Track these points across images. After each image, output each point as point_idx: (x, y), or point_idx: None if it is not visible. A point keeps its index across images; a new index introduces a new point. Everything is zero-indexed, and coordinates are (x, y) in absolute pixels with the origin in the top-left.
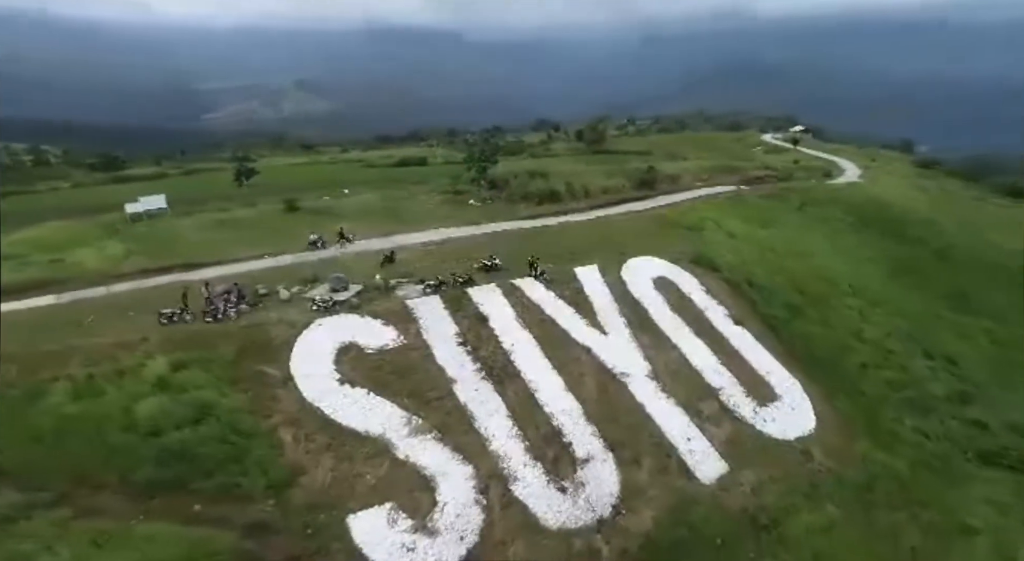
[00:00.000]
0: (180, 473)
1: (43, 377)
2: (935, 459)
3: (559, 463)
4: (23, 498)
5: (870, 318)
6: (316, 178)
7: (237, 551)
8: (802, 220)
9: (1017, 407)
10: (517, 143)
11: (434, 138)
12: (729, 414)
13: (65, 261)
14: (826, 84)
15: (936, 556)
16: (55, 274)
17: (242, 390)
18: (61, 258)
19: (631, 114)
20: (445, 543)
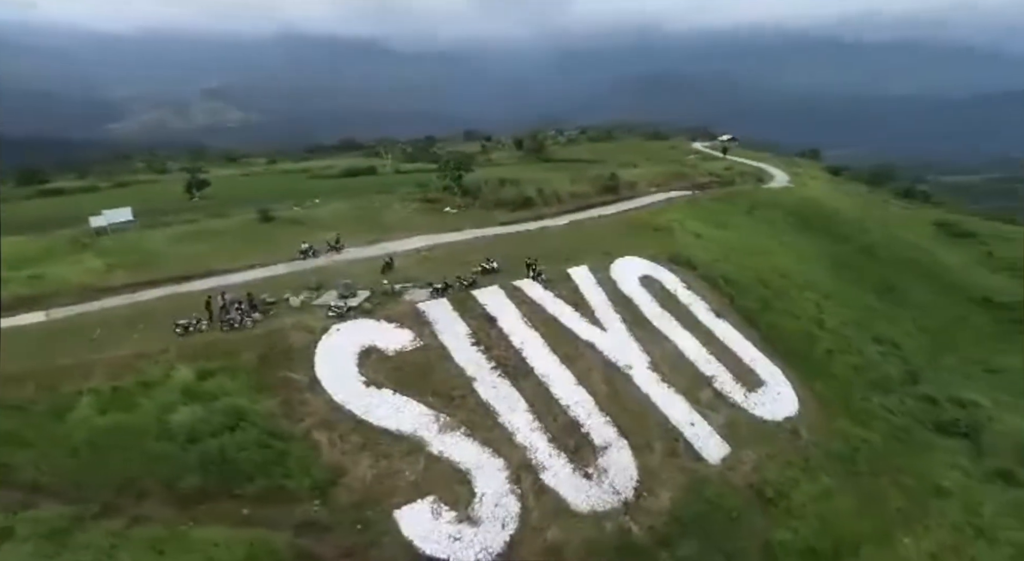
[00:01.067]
0: (223, 479)
1: (65, 392)
2: (901, 431)
3: (580, 451)
4: (71, 510)
5: (825, 309)
6: (270, 189)
7: (294, 549)
8: (752, 222)
9: (953, 384)
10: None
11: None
12: (724, 400)
13: (45, 277)
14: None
15: (918, 515)
16: (37, 290)
17: (271, 396)
18: (40, 274)
19: (556, 124)
20: (488, 531)
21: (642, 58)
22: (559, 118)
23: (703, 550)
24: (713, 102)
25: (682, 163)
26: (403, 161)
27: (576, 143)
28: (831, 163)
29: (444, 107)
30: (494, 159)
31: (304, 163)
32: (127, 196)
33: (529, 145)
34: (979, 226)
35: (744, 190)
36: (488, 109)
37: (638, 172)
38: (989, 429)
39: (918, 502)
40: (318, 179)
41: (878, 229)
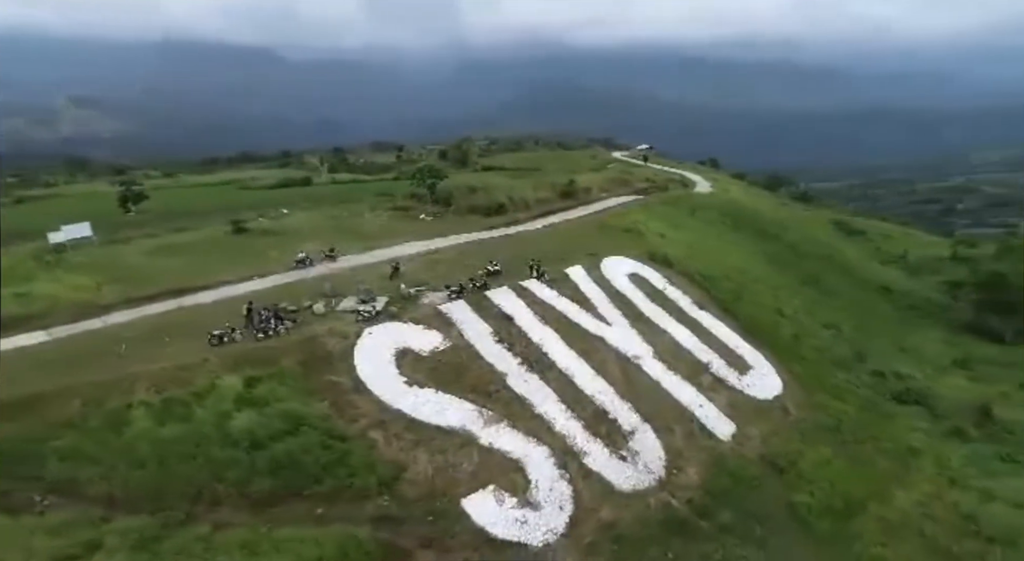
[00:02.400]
0: (291, 481)
1: (112, 407)
2: (869, 403)
3: (613, 436)
4: (155, 519)
5: (780, 299)
6: (210, 202)
7: (378, 542)
8: (697, 223)
9: (889, 360)
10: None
11: (314, 158)
12: (722, 383)
13: (31, 295)
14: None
15: (901, 472)
16: (29, 309)
17: (320, 399)
18: (25, 292)
19: (460, 135)
20: (549, 514)
21: (543, 70)
22: (463, 129)
23: (738, 517)
24: (611, 114)
25: (627, 171)
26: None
27: (491, 154)
28: (733, 171)
29: (343, 117)
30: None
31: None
32: (49, 211)
33: (454, 155)
34: (865, 225)
35: (681, 195)
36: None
37: (587, 178)
38: (933, 396)
39: (898, 461)
40: (250, 191)
41: (795, 228)
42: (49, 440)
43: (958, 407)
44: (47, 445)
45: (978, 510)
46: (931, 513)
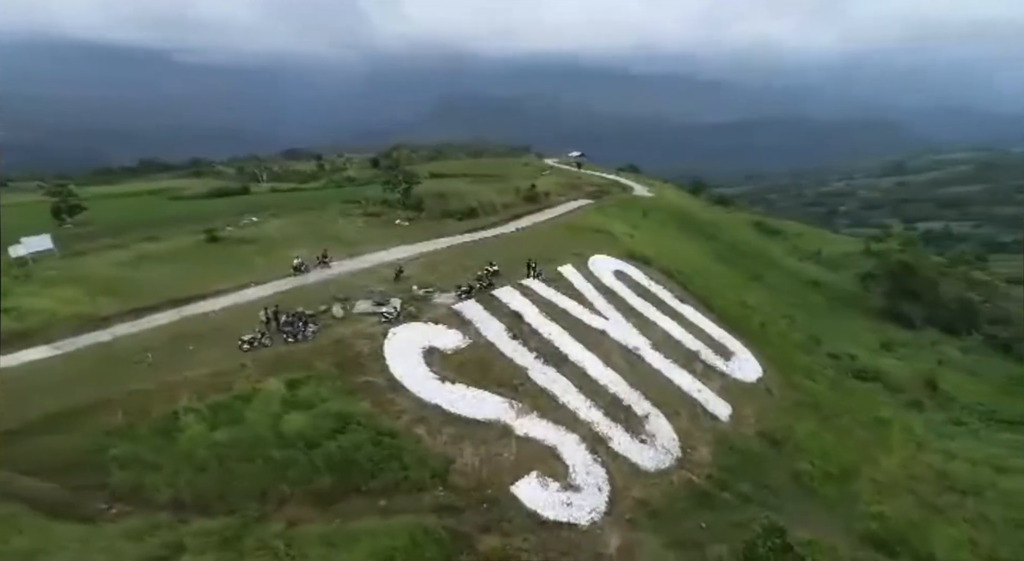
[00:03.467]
0: (349, 477)
1: (158, 415)
2: (835, 381)
3: (630, 422)
4: (230, 520)
5: (739, 291)
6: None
7: (445, 529)
8: (651, 224)
9: (837, 344)
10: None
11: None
12: (712, 369)
13: (21, 308)
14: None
15: (878, 440)
16: (25, 324)
17: (360, 399)
18: (14, 307)
19: (374, 143)
20: (590, 494)
21: (454, 80)
22: (378, 137)
23: (753, 487)
24: (522, 123)
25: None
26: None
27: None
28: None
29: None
30: (355, 178)
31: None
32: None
33: (386, 163)
34: (780, 225)
35: (629, 198)
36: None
37: (543, 183)
38: (883, 373)
39: (872, 431)
40: (181, 201)
41: (727, 229)
42: (105, 450)
43: (907, 382)
44: (105, 455)
45: (947, 468)
46: (912, 473)
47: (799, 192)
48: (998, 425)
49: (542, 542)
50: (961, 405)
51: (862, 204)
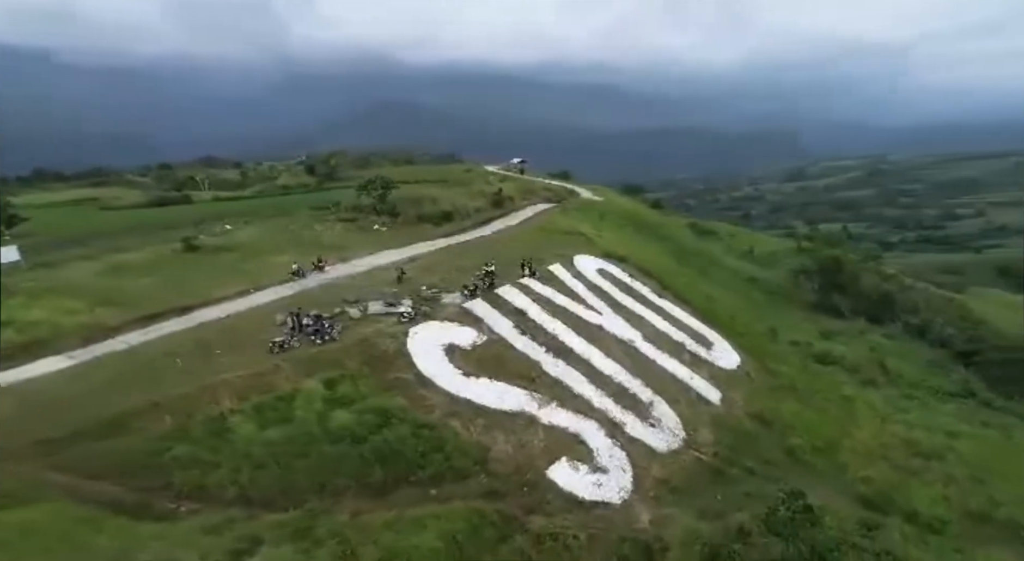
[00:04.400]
0: (398, 468)
1: (203, 417)
2: (801, 365)
3: (638, 408)
4: (300, 512)
5: (702, 286)
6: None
7: (497, 512)
8: (611, 226)
9: (791, 332)
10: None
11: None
12: (698, 358)
13: (16, 321)
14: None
15: (848, 415)
16: (31, 336)
17: (395, 395)
18: (9, 320)
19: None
20: (616, 475)
21: (375, 87)
22: (295, 144)
23: (755, 462)
24: (447, 131)
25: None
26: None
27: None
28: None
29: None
30: (288, 187)
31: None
32: None
33: (321, 170)
34: (714, 226)
35: (584, 202)
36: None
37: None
38: (840, 357)
39: (842, 408)
40: (113, 211)
41: (672, 230)
42: (162, 452)
43: (863, 363)
44: (163, 457)
45: (910, 436)
46: (883, 443)
47: (714, 197)
48: (941, 397)
49: (582, 520)
50: (908, 382)
51: (770, 207)
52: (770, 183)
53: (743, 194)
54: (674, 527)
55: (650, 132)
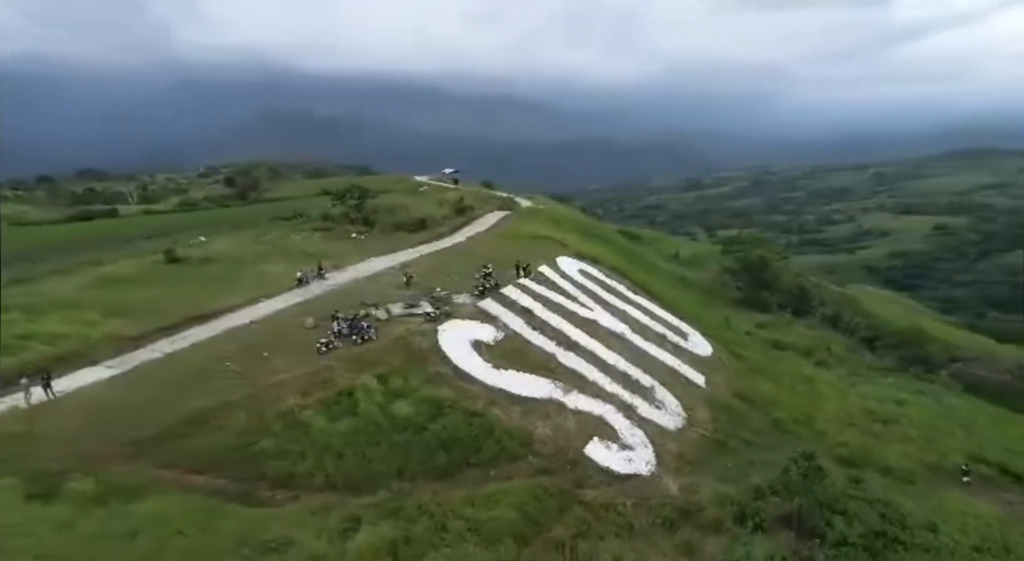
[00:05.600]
0: (458, 453)
1: (274, 413)
2: (763, 351)
3: (644, 393)
4: (387, 494)
5: (665, 281)
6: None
7: (556, 487)
8: (563, 230)
9: (738, 324)
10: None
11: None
12: (679, 347)
13: (37, 335)
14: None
15: (814, 391)
16: (64, 348)
17: (439, 387)
18: (29, 333)
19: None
20: (640, 451)
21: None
22: (183, 155)
23: (748, 434)
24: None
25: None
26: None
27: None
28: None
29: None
30: (200, 201)
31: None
32: None
33: (242, 183)
34: (639, 232)
35: (534, 209)
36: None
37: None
38: (792, 343)
39: (808, 386)
40: (31, 226)
41: (611, 235)
42: (248, 446)
43: (813, 348)
44: (249, 450)
45: (868, 406)
46: (847, 412)
47: (620, 206)
48: (880, 373)
49: (623, 490)
50: (850, 362)
51: (672, 215)
52: (670, 193)
53: (647, 203)
54: (703, 492)
55: (555, 144)
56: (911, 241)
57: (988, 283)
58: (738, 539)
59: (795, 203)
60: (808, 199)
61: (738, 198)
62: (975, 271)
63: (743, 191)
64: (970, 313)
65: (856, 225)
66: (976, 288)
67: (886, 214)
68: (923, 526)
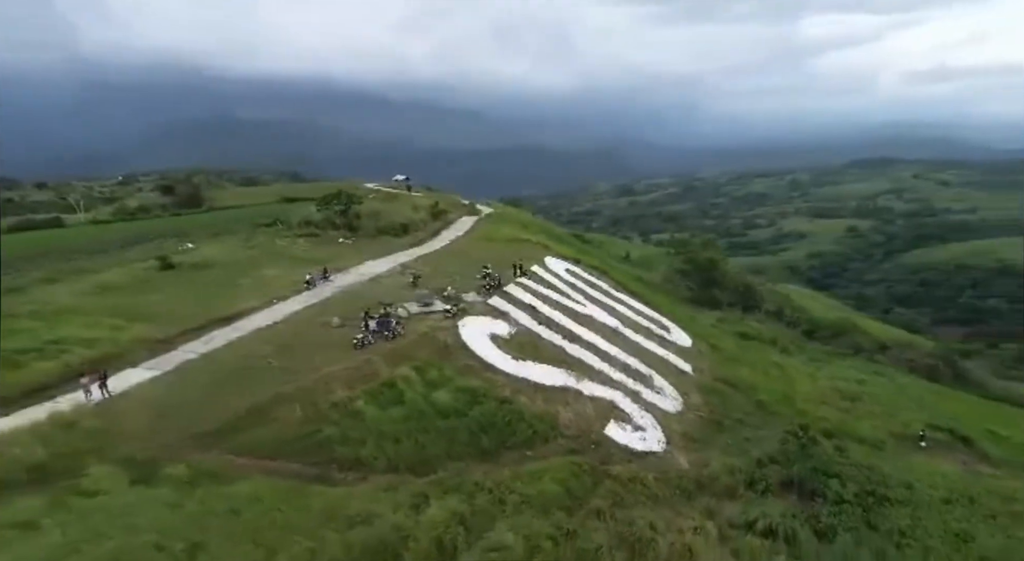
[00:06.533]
0: (496, 436)
1: (328, 404)
2: (734, 341)
3: (644, 380)
4: (445, 474)
5: (629, 280)
6: None
7: (588, 464)
8: (532, 232)
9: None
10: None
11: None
12: (664, 339)
13: (66, 339)
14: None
15: (786, 376)
16: (102, 351)
17: (470, 377)
18: (58, 338)
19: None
20: (652, 431)
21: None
22: (96, 162)
23: (738, 414)
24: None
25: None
26: None
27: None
28: None
29: None
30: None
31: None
32: None
33: (183, 191)
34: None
35: (500, 213)
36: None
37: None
38: (756, 334)
39: (780, 371)
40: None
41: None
42: (312, 434)
43: (774, 337)
44: (314, 438)
45: (835, 386)
46: (820, 392)
47: (558, 212)
48: (838, 358)
49: (643, 466)
50: (809, 350)
51: (608, 221)
52: (605, 199)
53: (583, 209)
54: (712, 464)
55: (489, 150)
56: (826, 243)
57: (893, 281)
58: (751, 502)
59: (722, 208)
60: (733, 204)
61: (669, 204)
62: (881, 270)
63: (674, 197)
64: (878, 309)
65: (777, 229)
66: (883, 286)
67: (803, 218)
68: (901, 485)
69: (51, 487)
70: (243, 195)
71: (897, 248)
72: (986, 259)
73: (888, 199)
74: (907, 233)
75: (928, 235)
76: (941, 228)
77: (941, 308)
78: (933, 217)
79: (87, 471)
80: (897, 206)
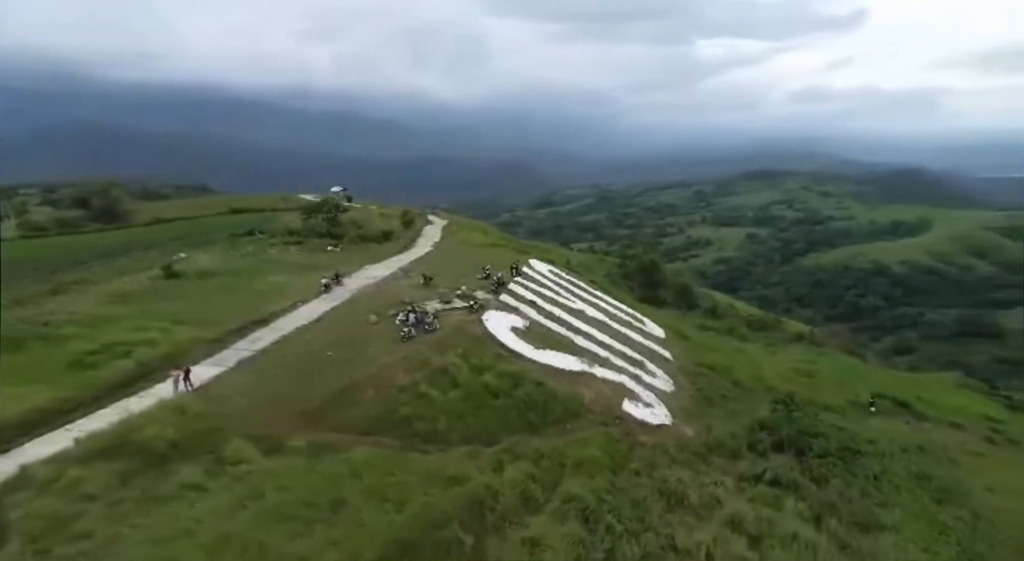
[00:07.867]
0: (539, 413)
1: (397, 388)
2: (697, 332)
3: (640, 365)
4: (509, 443)
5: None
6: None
7: (620, 434)
8: (495, 238)
9: None
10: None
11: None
12: (643, 331)
13: (132, 342)
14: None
15: (751, 360)
16: (165, 351)
17: (507, 363)
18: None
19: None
20: (658, 408)
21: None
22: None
23: (726, 391)
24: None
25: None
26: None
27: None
28: None
29: None
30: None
31: None
32: None
33: (100, 203)
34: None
35: (462, 222)
36: None
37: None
38: (713, 325)
39: (744, 356)
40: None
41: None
42: (392, 413)
43: (731, 327)
44: (397, 415)
45: (794, 366)
46: (783, 372)
47: None
48: (784, 344)
49: (659, 436)
50: (760, 338)
51: (529, 231)
52: (524, 209)
53: (503, 219)
54: (714, 432)
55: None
56: (729, 249)
57: (791, 284)
58: (755, 460)
59: (635, 217)
60: (644, 214)
61: (585, 214)
62: (780, 273)
63: (589, 207)
64: (780, 309)
65: (686, 236)
66: (782, 288)
67: (708, 226)
68: (867, 441)
69: (199, 459)
70: (197, 207)
71: (794, 252)
72: (863, 261)
73: (780, 209)
74: (800, 239)
75: (818, 241)
76: (828, 234)
77: (832, 306)
78: (820, 224)
79: (224, 445)
80: (788, 214)
